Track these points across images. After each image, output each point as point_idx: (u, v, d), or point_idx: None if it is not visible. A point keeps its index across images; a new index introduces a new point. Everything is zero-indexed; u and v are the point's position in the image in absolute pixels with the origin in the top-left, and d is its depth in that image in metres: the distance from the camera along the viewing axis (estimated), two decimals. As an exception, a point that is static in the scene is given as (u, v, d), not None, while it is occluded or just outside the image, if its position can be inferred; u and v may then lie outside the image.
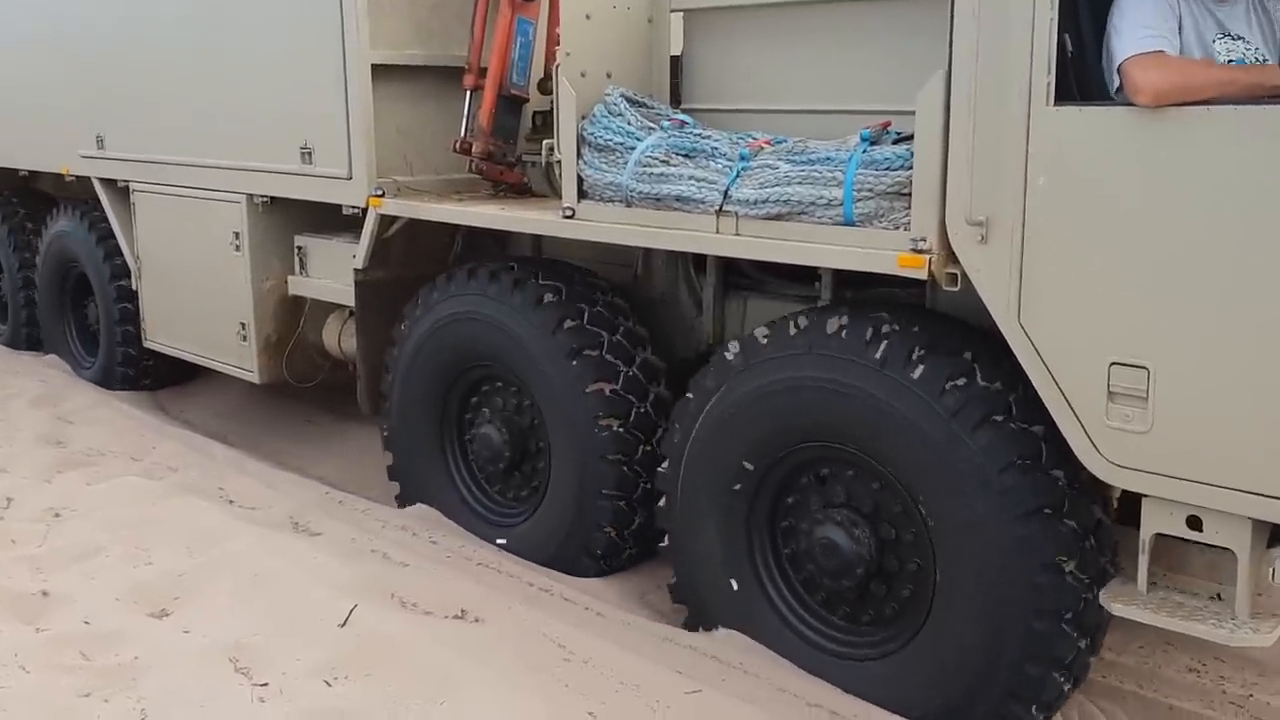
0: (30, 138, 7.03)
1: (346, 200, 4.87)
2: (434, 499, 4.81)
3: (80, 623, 3.85)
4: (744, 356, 3.57)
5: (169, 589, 4.07)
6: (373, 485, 5.47)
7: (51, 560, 4.38)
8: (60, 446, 5.95)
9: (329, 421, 6.45)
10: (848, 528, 3.45)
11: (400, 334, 4.77)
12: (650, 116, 3.91)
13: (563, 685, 3.47)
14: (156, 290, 6.26)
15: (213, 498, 5.06)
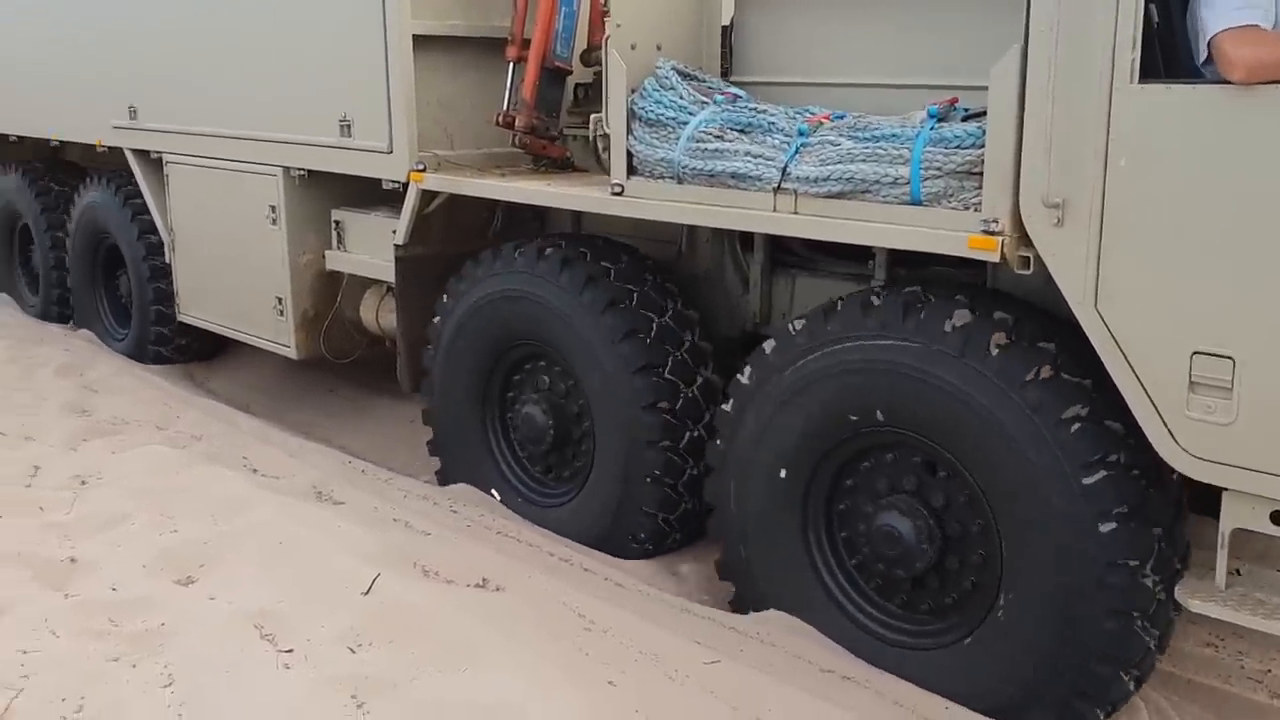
0: (61, 108, 6.96)
1: (387, 174, 4.78)
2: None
3: (108, 589, 3.88)
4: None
5: (194, 556, 4.10)
6: (395, 455, 5.53)
7: (79, 527, 4.41)
8: (85, 415, 5.98)
9: (352, 393, 6.46)
10: (911, 515, 3.37)
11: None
12: (702, 90, 3.79)
13: (583, 654, 3.47)
14: (190, 263, 6.20)
15: (237, 467, 5.09)
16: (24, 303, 8.36)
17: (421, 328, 4.84)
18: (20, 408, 6.09)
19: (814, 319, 3.48)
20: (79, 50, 6.64)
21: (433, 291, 4.82)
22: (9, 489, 4.86)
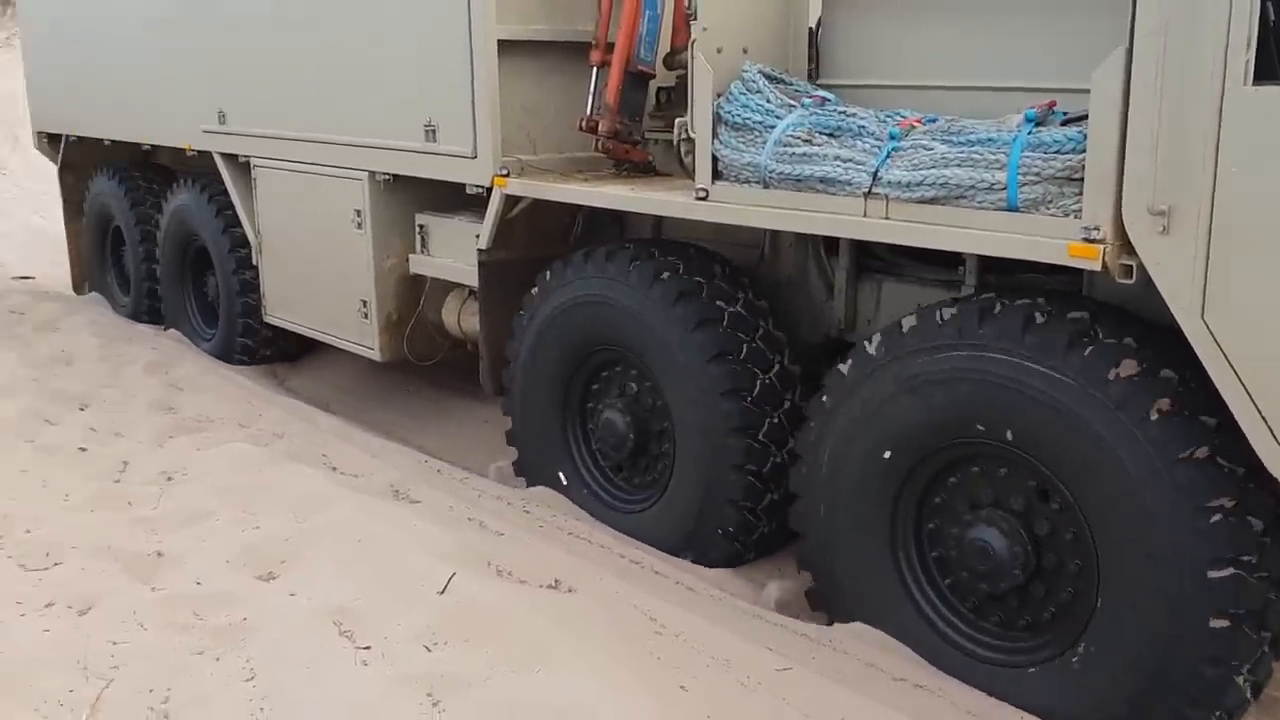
0: (152, 113, 7.12)
1: (471, 179, 4.81)
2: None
3: (193, 583, 3.97)
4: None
5: (276, 553, 4.17)
6: (469, 455, 5.57)
7: (165, 522, 4.52)
8: (171, 412, 6.15)
9: (429, 393, 6.52)
10: (1001, 527, 3.29)
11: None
12: (789, 93, 3.75)
13: (654, 658, 3.47)
14: (277, 266, 6.31)
15: (317, 465, 5.16)
16: (115, 302, 8.59)
17: (504, 331, 4.87)
18: (110, 404, 6.27)
19: (924, 322, 3.40)
20: (170, 57, 6.79)
21: (515, 295, 4.84)
22: (100, 484, 5.01)
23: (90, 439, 5.69)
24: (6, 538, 4.31)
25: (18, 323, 8.11)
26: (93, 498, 4.82)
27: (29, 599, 3.79)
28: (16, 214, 14.13)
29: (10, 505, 4.64)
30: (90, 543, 4.24)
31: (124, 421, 5.96)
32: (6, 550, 4.19)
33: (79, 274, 9.06)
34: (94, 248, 8.69)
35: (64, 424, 5.93)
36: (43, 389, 6.47)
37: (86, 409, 6.24)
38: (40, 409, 6.11)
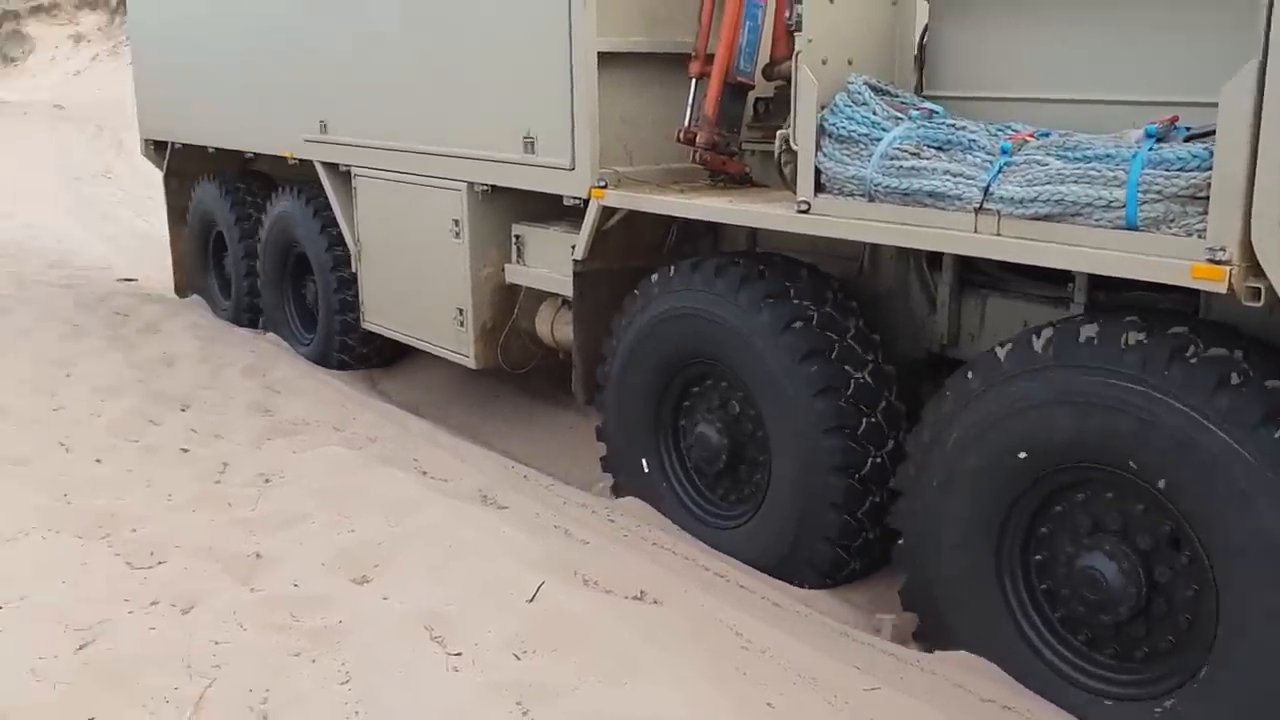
0: (255, 122, 7.31)
1: (568, 191, 4.83)
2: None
3: (290, 585, 4.04)
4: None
5: (369, 556, 4.23)
6: (555, 462, 5.62)
7: (263, 524, 4.60)
8: (269, 415, 6.29)
9: (515, 399, 6.58)
10: (1112, 555, 3.18)
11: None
12: (896, 105, 3.69)
13: (741, 674, 3.44)
14: (375, 273, 6.41)
15: (408, 469, 5.22)
16: (216, 306, 8.82)
17: (597, 341, 4.87)
18: (210, 406, 6.44)
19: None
20: (273, 67, 6.96)
21: (609, 305, 4.85)
22: (201, 485, 5.14)
23: (191, 440, 5.85)
24: (114, 536, 4.43)
25: (123, 324, 8.37)
26: (194, 498, 4.94)
27: (135, 596, 3.90)
28: (121, 218, 14.61)
29: (118, 504, 4.78)
30: (192, 542, 4.36)
31: (223, 423, 6.12)
32: (114, 548, 4.31)
33: (181, 278, 9.32)
34: (196, 252, 8.93)
35: (166, 424, 6.10)
36: (147, 390, 6.67)
37: (188, 410, 6.41)
38: (144, 409, 6.29)
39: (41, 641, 3.54)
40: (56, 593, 3.83)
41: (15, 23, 31.19)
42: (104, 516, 4.59)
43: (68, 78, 28.71)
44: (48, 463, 5.33)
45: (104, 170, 18.26)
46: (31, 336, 7.82)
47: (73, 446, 5.63)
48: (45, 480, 5.03)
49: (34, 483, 4.98)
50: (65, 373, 7.02)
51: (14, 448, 5.51)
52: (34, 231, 13.30)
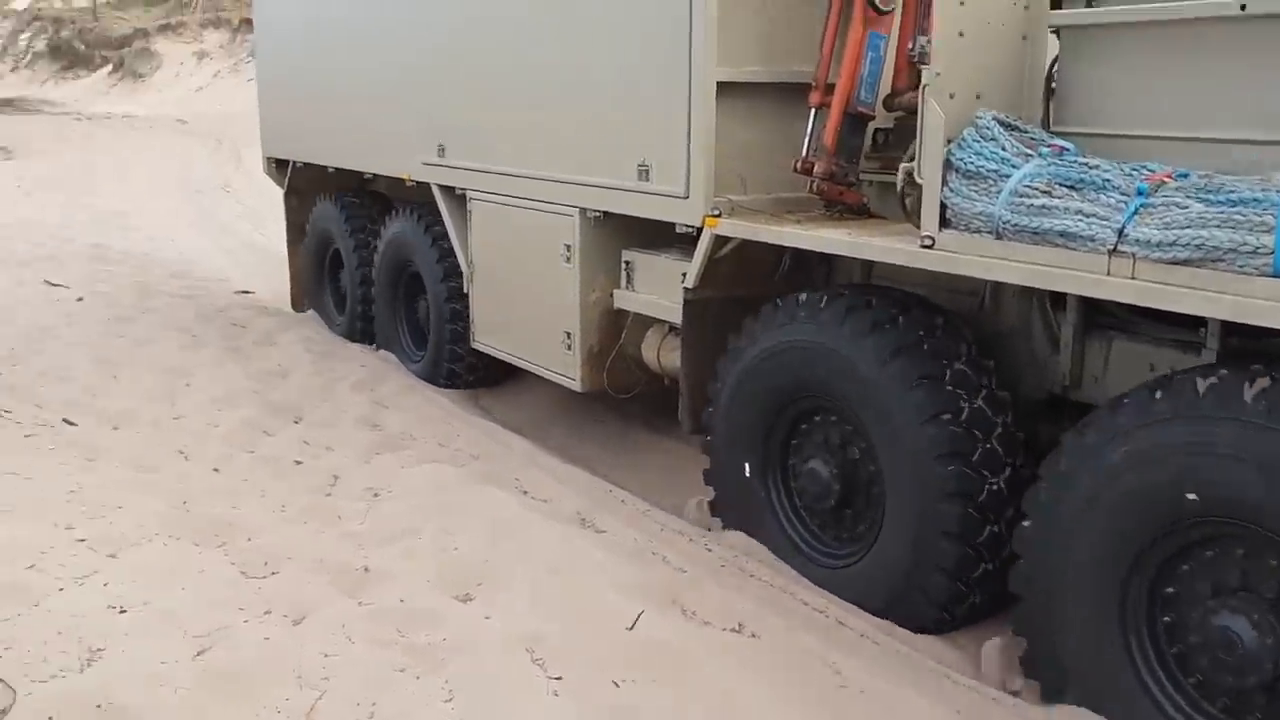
0: (375, 144, 7.48)
1: (682, 219, 4.83)
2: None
3: (397, 600, 4.10)
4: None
5: (473, 574, 4.29)
6: (652, 487, 5.64)
7: (371, 538, 4.69)
8: (377, 429, 6.42)
9: (613, 422, 6.60)
10: (1247, 614, 3.04)
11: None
12: (1025, 141, 3.60)
13: (838, 714, 3.41)
14: (486, 294, 6.49)
15: (510, 488, 5.30)
16: (330, 321, 9.02)
17: (705, 369, 4.85)
18: (322, 419, 6.61)
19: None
20: (393, 91, 7.12)
21: (718, 334, 4.82)
22: (313, 498, 5.26)
23: (304, 452, 6.00)
24: (230, 545, 4.57)
25: (239, 335, 8.64)
26: (306, 510, 5.06)
27: (250, 605, 4.01)
28: (239, 230, 14.99)
29: (234, 514, 4.92)
30: (304, 554, 4.45)
31: (334, 436, 6.27)
32: (230, 557, 4.45)
33: (298, 293, 9.55)
34: (313, 268, 9.16)
35: (280, 436, 6.27)
36: (262, 401, 6.87)
37: (300, 422, 6.58)
38: (260, 420, 6.49)
39: (162, 646, 3.67)
40: (176, 599, 3.96)
41: (145, 40, 32.65)
42: (221, 525, 4.73)
43: (191, 93, 29.87)
44: (168, 470, 5.51)
45: (223, 184, 18.84)
46: (154, 345, 8.12)
47: (191, 455, 5.82)
48: (166, 488, 5.20)
49: (156, 490, 5.14)
50: (185, 382, 7.28)
51: (138, 454, 5.72)
52: (157, 243, 13.71)
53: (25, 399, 6.49)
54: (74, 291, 9.96)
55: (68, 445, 5.68)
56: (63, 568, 4.07)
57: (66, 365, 7.43)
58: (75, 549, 4.23)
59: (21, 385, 6.79)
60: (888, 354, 3.97)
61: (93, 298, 9.77)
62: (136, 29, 33.56)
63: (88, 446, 5.71)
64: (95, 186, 18.18)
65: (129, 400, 6.77)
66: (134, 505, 4.82)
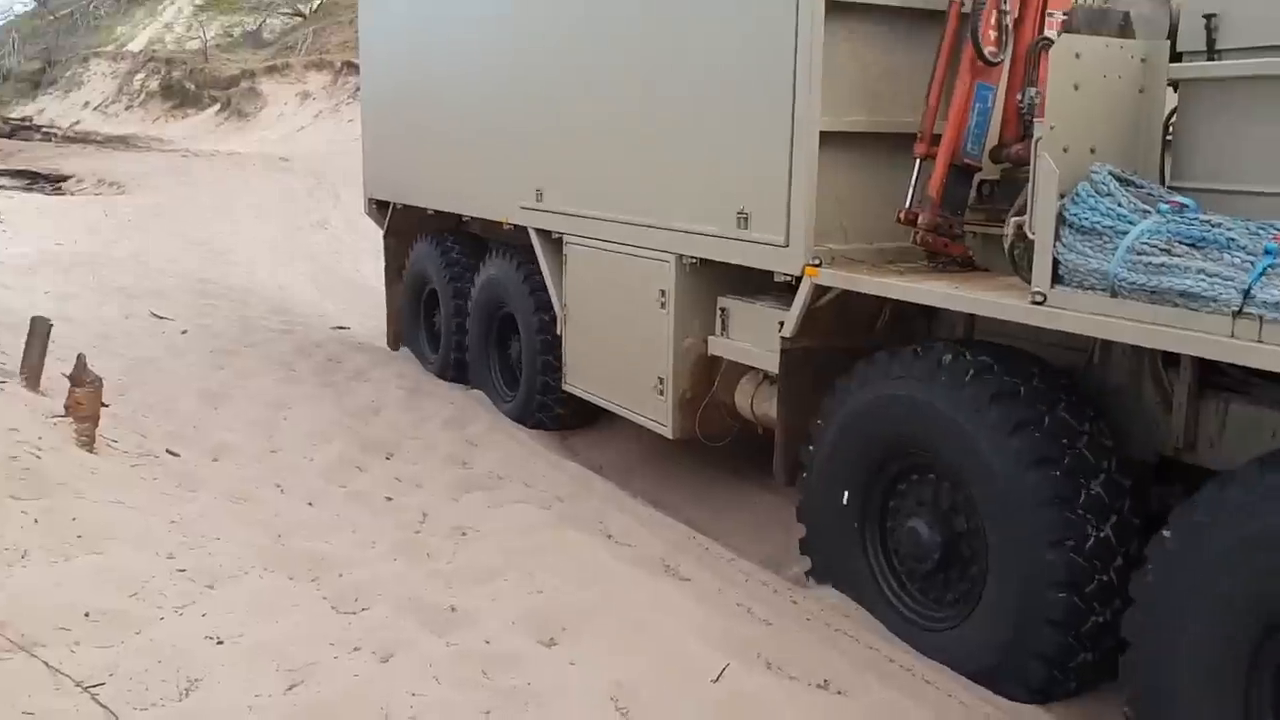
0: (474, 188, 7.61)
1: (781, 268, 4.80)
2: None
3: (482, 641, 4.10)
4: None
5: (557, 618, 4.28)
6: (734, 534, 5.61)
7: (458, 577, 4.70)
8: (466, 467, 6.48)
9: (700, 469, 6.55)
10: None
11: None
12: (1142, 197, 3.50)
13: None
14: (579, 337, 6.52)
15: (593, 531, 5.31)
16: (424, 360, 9.14)
17: (802, 420, 4.79)
18: (412, 456, 6.68)
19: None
20: (493, 137, 7.24)
21: (814, 384, 4.76)
22: (402, 534, 5.30)
23: (395, 488, 6.08)
24: (322, 579, 4.61)
25: (335, 370, 8.82)
26: (396, 546, 5.09)
27: (340, 641, 4.02)
28: (336, 267, 15.28)
29: (326, 548, 4.97)
30: (393, 591, 4.47)
31: (424, 473, 6.34)
32: (322, 591, 4.49)
33: (395, 331, 9.71)
34: (409, 308, 9.31)
35: (372, 472, 6.36)
36: (355, 436, 6.98)
37: (392, 458, 6.66)
38: (352, 455, 6.59)
39: (256, 679, 3.70)
40: (270, 632, 4.00)
41: (251, 81, 33.82)
42: (314, 559, 4.78)
43: (293, 132, 30.71)
44: (265, 503, 5.59)
45: (321, 220, 19.22)
46: (254, 379, 8.30)
47: (287, 488, 5.93)
48: (262, 520, 5.28)
49: (253, 522, 5.23)
50: (283, 415, 7.43)
51: (236, 486, 5.82)
52: (258, 277, 14.09)
53: (131, 429, 6.59)
54: (179, 324, 10.27)
55: (170, 476, 5.79)
56: (163, 597, 4.14)
57: (171, 397, 7.63)
58: (175, 579, 4.31)
59: (128, 416, 6.92)
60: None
61: (196, 330, 10.06)
62: (244, 70, 34.77)
63: (189, 477, 5.84)
64: (201, 222, 18.68)
65: (229, 432, 6.92)
66: (232, 537, 4.91)
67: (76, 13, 47.00)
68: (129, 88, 37.97)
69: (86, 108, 37.98)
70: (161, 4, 45.02)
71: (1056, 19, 4.56)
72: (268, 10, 40.05)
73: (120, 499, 5.05)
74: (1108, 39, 3.75)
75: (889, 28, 4.73)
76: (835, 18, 4.54)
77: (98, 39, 43.96)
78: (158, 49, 40.17)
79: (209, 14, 42.11)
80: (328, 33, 36.25)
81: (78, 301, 10.69)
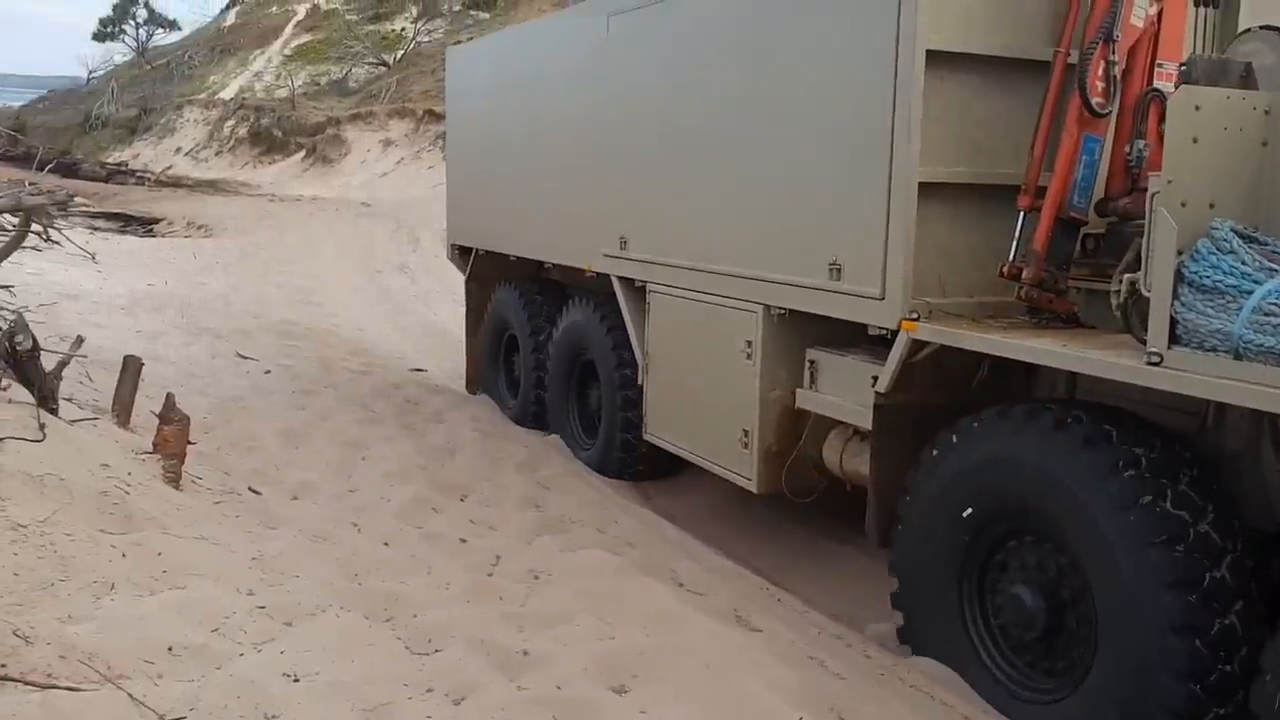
0: (557, 235, 7.62)
1: (876, 321, 4.67)
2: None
3: (554, 687, 4.05)
4: None
5: (628, 666, 4.24)
6: (807, 584, 5.55)
7: (531, 620, 4.69)
8: (539, 510, 6.45)
9: (763, 512, 6.45)
10: None
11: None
12: (1267, 255, 3.33)
13: None
14: (661, 387, 6.44)
15: (665, 579, 5.27)
16: (503, 405, 9.13)
17: (897, 479, 4.63)
18: (486, 498, 6.69)
19: None
20: (578, 184, 7.24)
21: (909, 441, 4.62)
22: (475, 576, 5.29)
23: (469, 531, 6.08)
24: (397, 619, 4.60)
25: (413, 412, 8.88)
26: (470, 588, 5.07)
27: (414, 683, 4.00)
28: (415, 310, 15.46)
29: (401, 589, 4.96)
30: (466, 633, 4.45)
31: (498, 516, 6.35)
32: (397, 631, 4.47)
33: (474, 375, 9.74)
34: (489, 353, 9.33)
35: (447, 513, 6.37)
36: (430, 478, 7.01)
37: (466, 500, 6.68)
38: (428, 497, 6.62)
39: (332, 718, 3.69)
40: (346, 671, 3.99)
41: (336, 128, 34.69)
42: (389, 600, 4.78)
43: (376, 178, 31.37)
44: (342, 542, 5.62)
45: (401, 264, 19.54)
46: (333, 419, 8.41)
47: (364, 528, 5.94)
48: (339, 559, 5.30)
49: (330, 561, 5.25)
50: (361, 455, 7.50)
51: (315, 525, 5.85)
52: (339, 320, 14.29)
53: (216, 466, 6.70)
54: (262, 364, 10.44)
55: (251, 513, 5.86)
56: (243, 633, 4.16)
57: (253, 435, 7.73)
58: (255, 615, 4.33)
59: (212, 453, 7.04)
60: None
61: (279, 371, 10.22)
62: (329, 118, 35.70)
63: (269, 515, 5.89)
64: (284, 264, 19.10)
65: (309, 471, 6.97)
66: (310, 574, 4.93)
67: (173, 62, 48.86)
68: (219, 134, 39.20)
69: (179, 153, 39.27)
70: (252, 54, 46.59)
71: (1166, 70, 4.44)
72: (353, 60, 41.15)
73: (203, 535, 5.13)
74: (1228, 90, 3.60)
75: (988, 77, 4.62)
76: (935, 66, 4.44)
77: (191, 88, 45.56)
78: (247, 97, 41.47)
79: (297, 63, 43.43)
80: (410, 81, 37.11)
81: (167, 340, 10.96)
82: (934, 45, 4.42)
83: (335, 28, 43.95)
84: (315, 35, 45.45)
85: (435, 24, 41.10)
